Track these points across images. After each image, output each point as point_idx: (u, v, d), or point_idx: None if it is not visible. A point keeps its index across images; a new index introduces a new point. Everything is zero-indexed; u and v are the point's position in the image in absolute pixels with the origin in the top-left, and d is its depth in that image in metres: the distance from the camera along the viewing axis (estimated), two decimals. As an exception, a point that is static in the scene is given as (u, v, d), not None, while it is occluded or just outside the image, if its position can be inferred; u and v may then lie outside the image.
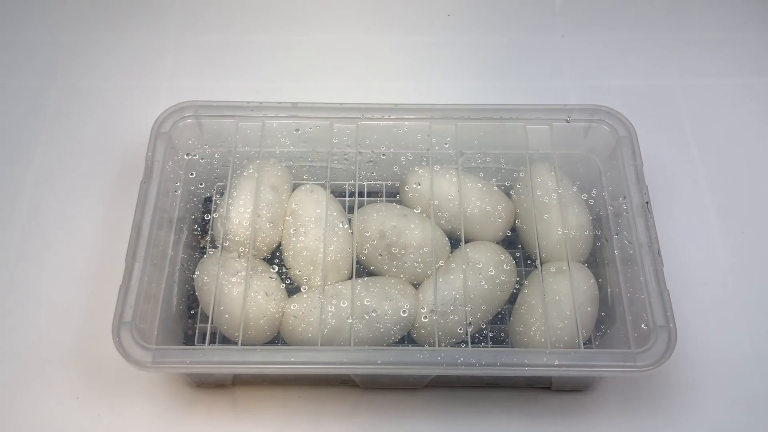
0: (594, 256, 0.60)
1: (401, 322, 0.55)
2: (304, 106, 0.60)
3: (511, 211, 0.61)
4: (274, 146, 0.61)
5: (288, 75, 0.75)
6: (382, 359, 0.50)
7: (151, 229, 0.54)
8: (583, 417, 0.57)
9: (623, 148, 0.58)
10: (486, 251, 0.58)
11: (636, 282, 0.54)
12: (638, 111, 0.63)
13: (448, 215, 0.59)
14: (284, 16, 0.79)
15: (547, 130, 0.60)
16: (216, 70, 0.75)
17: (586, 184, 0.62)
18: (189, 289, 0.59)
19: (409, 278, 0.58)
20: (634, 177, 0.57)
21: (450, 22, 0.79)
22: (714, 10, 0.80)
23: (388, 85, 0.75)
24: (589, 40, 0.78)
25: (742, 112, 0.73)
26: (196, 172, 0.61)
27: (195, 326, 0.59)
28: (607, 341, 0.57)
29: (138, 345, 0.50)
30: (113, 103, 0.73)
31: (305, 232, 0.57)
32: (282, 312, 0.56)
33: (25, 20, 0.78)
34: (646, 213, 0.55)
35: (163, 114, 0.59)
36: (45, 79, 0.74)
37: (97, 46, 0.76)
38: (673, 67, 0.76)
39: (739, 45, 0.77)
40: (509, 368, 0.49)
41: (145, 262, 0.53)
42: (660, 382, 0.58)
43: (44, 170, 0.68)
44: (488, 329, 0.58)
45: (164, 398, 0.57)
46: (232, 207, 0.58)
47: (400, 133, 0.61)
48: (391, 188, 0.64)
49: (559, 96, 0.73)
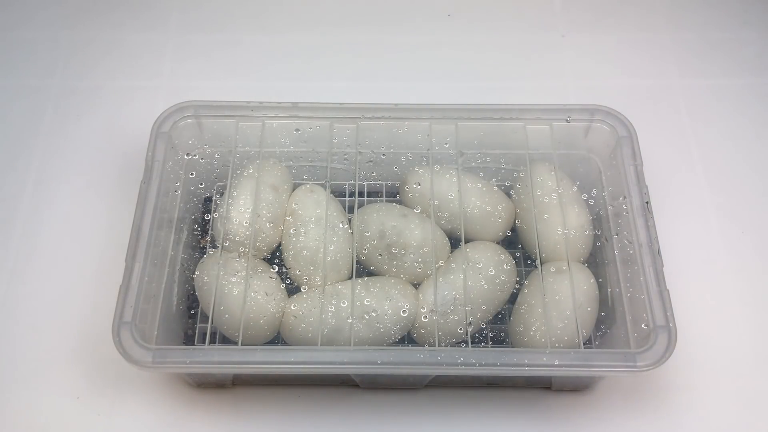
0: (594, 256, 0.60)
1: (401, 322, 0.55)
2: (304, 106, 0.60)
3: (511, 211, 0.61)
4: (274, 146, 0.61)
5: (288, 75, 0.75)
6: (382, 359, 0.50)
7: (151, 229, 0.54)
8: (583, 417, 0.57)
9: (623, 148, 0.58)
10: (486, 251, 0.58)
11: (636, 282, 0.54)
12: (638, 111, 0.63)
13: (448, 215, 0.59)
14: (284, 16, 0.79)
15: (547, 130, 0.60)
16: (216, 70, 0.75)
17: (586, 184, 0.62)
18: (189, 289, 0.59)
19: (409, 278, 0.58)
20: (634, 177, 0.57)
21: (450, 22, 0.79)
22: (714, 10, 0.80)
23: (388, 85, 0.75)
24: (589, 40, 0.78)
25: (742, 112, 0.73)
26: (196, 172, 0.61)
27: (195, 326, 0.59)
28: (607, 341, 0.57)
29: (138, 345, 0.50)
30: (113, 103, 0.73)
31: (305, 232, 0.57)
32: (282, 312, 0.56)
33: (25, 19, 0.78)
34: (646, 213, 0.55)
35: (163, 114, 0.59)
36: (45, 79, 0.74)
37: (97, 45, 0.76)
38: (673, 67, 0.76)
39: (739, 45, 0.77)
40: (509, 368, 0.49)
41: (145, 262, 0.53)
42: (660, 382, 0.58)
43: (44, 170, 0.68)
44: (488, 329, 0.58)
45: (164, 398, 0.57)
46: (232, 207, 0.58)
47: (400, 133, 0.60)
48: (391, 188, 0.64)
49: (559, 96, 0.73)
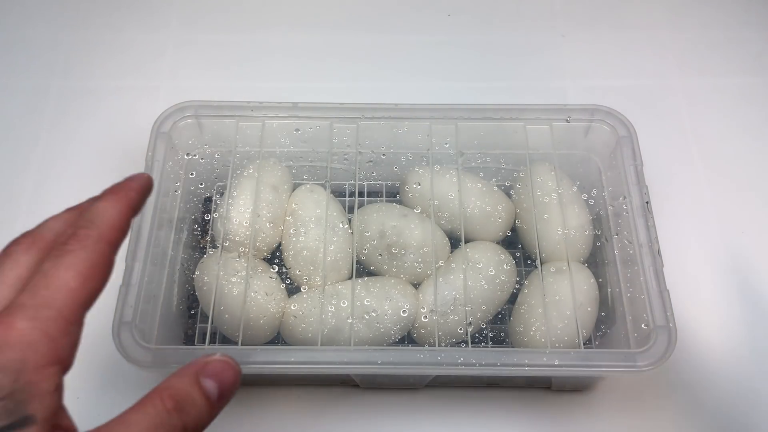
0: (594, 256, 0.60)
1: (401, 322, 0.55)
2: (304, 106, 0.60)
3: (511, 211, 0.61)
4: (274, 146, 0.61)
5: (288, 75, 0.75)
6: (382, 359, 0.50)
7: (151, 229, 0.54)
8: (583, 417, 0.57)
9: (623, 148, 0.58)
10: (486, 251, 0.58)
11: (636, 282, 0.54)
12: (638, 111, 0.63)
13: (448, 215, 0.59)
14: (284, 16, 0.79)
15: (547, 130, 0.60)
16: (216, 70, 0.75)
17: (586, 184, 0.62)
18: (189, 289, 0.59)
19: (409, 278, 0.58)
20: (634, 177, 0.57)
21: (450, 22, 0.79)
22: (714, 10, 0.80)
23: (388, 85, 0.75)
24: (589, 39, 0.78)
25: (742, 111, 0.73)
26: (196, 172, 0.61)
27: (195, 326, 0.59)
28: (607, 341, 0.57)
29: (138, 345, 0.50)
30: (113, 103, 0.73)
31: (305, 232, 0.57)
32: (282, 312, 0.56)
33: (25, 20, 0.78)
34: (646, 213, 0.55)
35: (163, 114, 0.59)
36: (45, 79, 0.74)
37: (97, 46, 0.76)
38: (674, 67, 0.76)
39: (739, 45, 0.77)
40: (509, 368, 0.49)
41: (145, 262, 0.53)
42: (660, 382, 0.58)
43: (44, 170, 0.68)
44: (488, 329, 0.58)
45: (164, 398, 0.57)
46: (232, 207, 0.58)
47: (400, 133, 0.60)
48: (391, 188, 0.64)
49: (559, 96, 0.73)
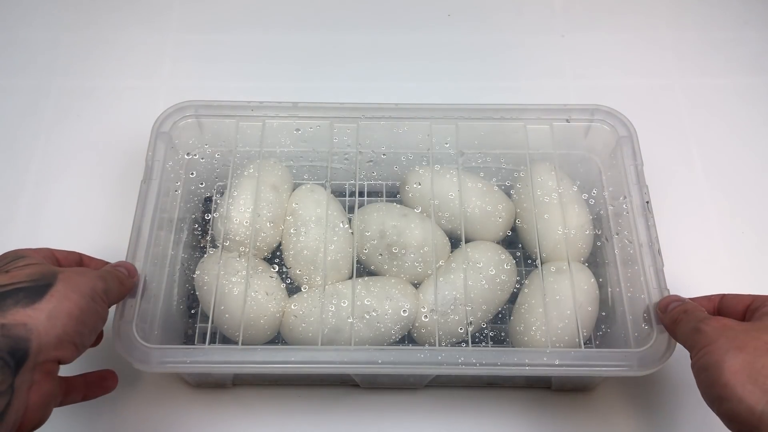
0: (594, 256, 0.60)
1: (401, 321, 0.55)
2: (304, 106, 0.60)
3: (512, 210, 0.61)
4: (274, 146, 0.61)
5: (288, 75, 0.75)
6: (382, 359, 0.49)
7: (151, 229, 0.54)
8: (583, 417, 0.57)
9: (623, 148, 0.58)
10: (486, 251, 0.58)
11: (636, 282, 0.54)
12: (638, 111, 0.63)
13: (448, 215, 0.59)
14: (284, 17, 0.79)
15: (547, 130, 0.60)
16: (216, 70, 0.75)
17: (586, 184, 0.62)
18: (189, 289, 0.59)
19: (410, 278, 0.58)
20: (634, 177, 0.57)
21: (450, 22, 0.79)
22: (714, 10, 0.80)
23: (388, 85, 0.75)
24: (589, 40, 0.78)
25: (742, 111, 0.73)
26: (196, 172, 0.61)
27: (195, 326, 0.59)
28: (607, 341, 0.57)
29: (138, 345, 0.50)
30: (113, 103, 0.73)
31: (305, 231, 0.57)
32: (282, 312, 0.56)
33: (25, 20, 0.78)
34: (646, 213, 0.55)
35: (163, 114, 0.59)
36: (45, 79, 0.74)
37: (97, 46, 0.76)
38: (673, 67, 0.76)
39: (739, 45, 0.77)
40: (509, 368, 0.49)
41: (145, 262, 0.53)
42: (660, 382, 0.58)
43: (44, 170, 0.68)
44: (488, 329, 0.58)
45: (164, 398, 0.57)
46: (232, 207, 0.58)
47: (401, 132, 0.60)
48: (392, 188, 0.64)
49: (559, 96, 0.73)
